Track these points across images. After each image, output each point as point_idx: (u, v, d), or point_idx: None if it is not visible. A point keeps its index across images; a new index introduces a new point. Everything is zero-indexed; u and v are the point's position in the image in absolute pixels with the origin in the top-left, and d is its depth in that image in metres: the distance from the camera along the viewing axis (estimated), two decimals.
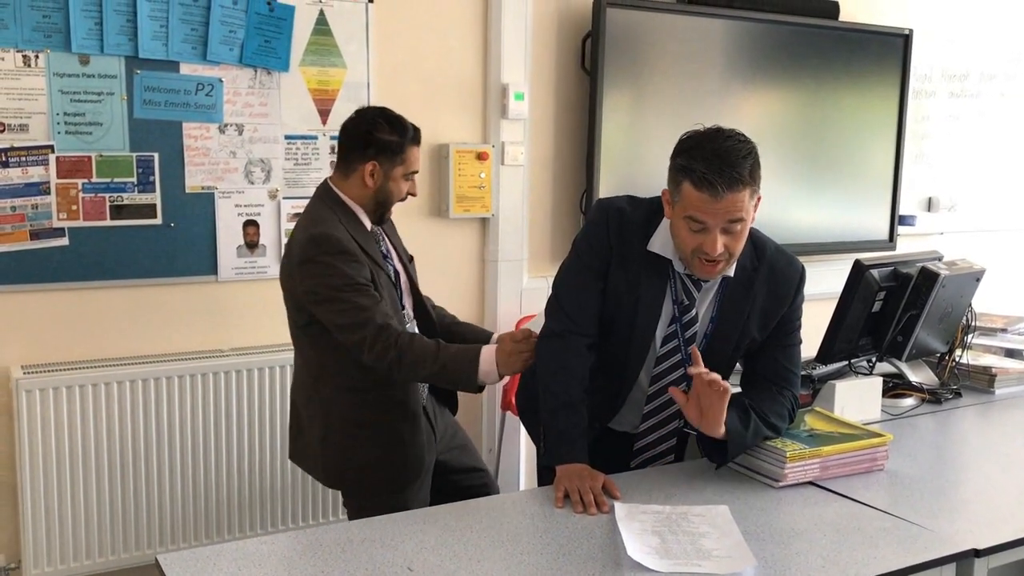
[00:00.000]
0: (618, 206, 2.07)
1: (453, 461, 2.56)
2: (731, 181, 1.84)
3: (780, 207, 4.05)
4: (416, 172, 2.41)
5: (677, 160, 1.91)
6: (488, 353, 2.20)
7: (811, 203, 4.28)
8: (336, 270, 2.22)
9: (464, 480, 2.57)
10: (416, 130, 2.41)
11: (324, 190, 2.41)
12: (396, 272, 2.43)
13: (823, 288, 2.94)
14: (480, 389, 2.26)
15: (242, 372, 3.14)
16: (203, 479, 3.11)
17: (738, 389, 2.22)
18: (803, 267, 2.13)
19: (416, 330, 2.43)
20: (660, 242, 2.03)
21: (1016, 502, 2.03)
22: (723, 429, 1.95)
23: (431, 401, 2.49)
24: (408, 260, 2.55)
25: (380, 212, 2.40)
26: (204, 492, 3.12)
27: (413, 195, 2.44)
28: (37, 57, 2.84)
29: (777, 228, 3.29)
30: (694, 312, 2.06)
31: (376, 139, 2.34)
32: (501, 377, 2.21)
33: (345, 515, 3.35)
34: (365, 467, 2.34)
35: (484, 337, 2.55)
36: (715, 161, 1.84)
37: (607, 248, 2.04)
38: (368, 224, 2.38)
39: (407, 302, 2.45)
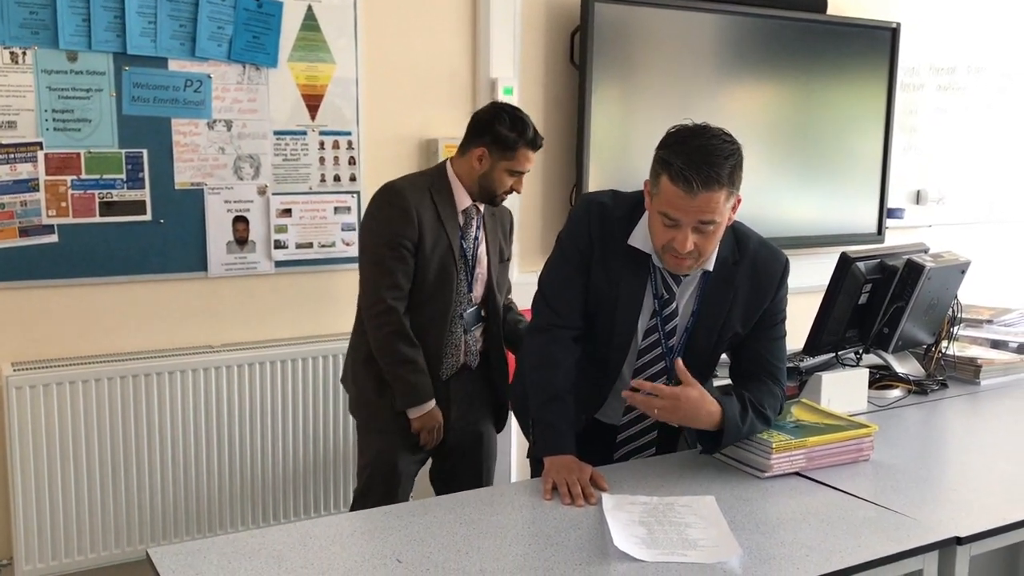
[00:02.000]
0: (600, 200, 2.08)
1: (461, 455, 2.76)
2: (707, 180, 1.83)
3: (769, 201, 4.07)
4: (523, 172, 2.59)
5: (660, 152, 1.92)
6: (428, 409, 2.57)
7: (800, 196, 4.30)
8: (377, 218, 2.55)
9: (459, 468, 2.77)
10: (536, 136, 2.59)
11: (439, 164, 2.69)
12: (473, 256, 2.62)
13: (811, 281, 2.96)
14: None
15: (232, 368, 3.14)
16: (194, 475, 3.12)
17: (727, 381, 2.24)
18: (787, 260, 2.14)
19: (477, 313, 2.66)
20: (640, 237, 2.04)
21: (999, 491, 2.05)
22: (710, 422, 1.98)
23: (462, 384, 2.68)
24: (501, 259, 2.75)
25: (483, 196, 2.60)
26: (195, 487, 3.13)
27: (517, 191, 2.64)
28: (25, 54, 2.84)
29: (766, 221, 3.32)
30: (674, 306, 2.08)
31: (493, 130, 2.55)
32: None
33: (335, 510, 3.38)
34: (364, 400, 2.65)
35: None
36: (695, 158, 1.84)
37: (588, 243, 2.05)
38: (464, 201, 2.60)
39: (477, 289, 2.66)
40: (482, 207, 2.66)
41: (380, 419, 2.62)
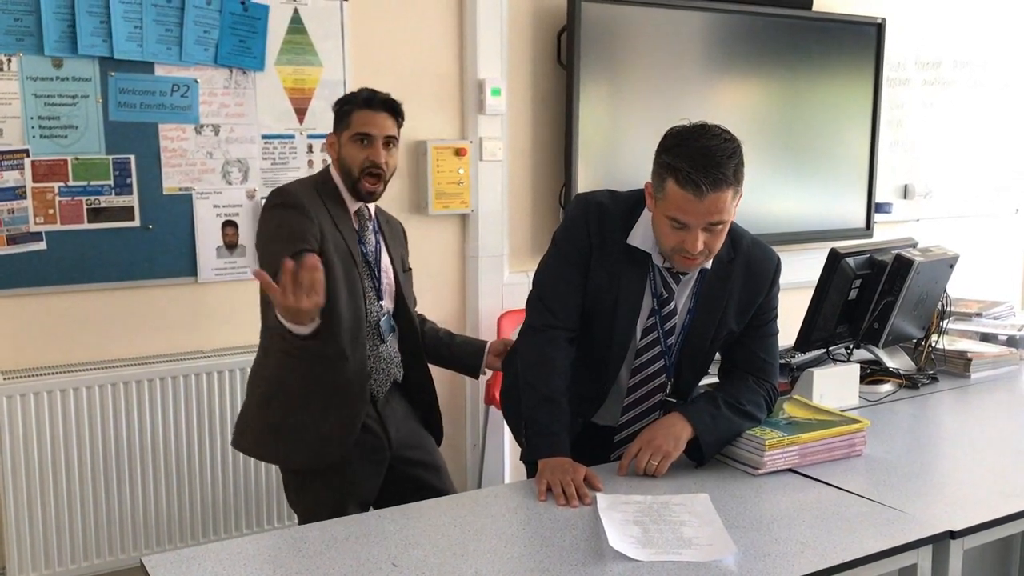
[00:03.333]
0: (598, 200, 2.08)
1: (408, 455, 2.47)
2: (716, 181, 1.84)
3: (757, 197, 4.07)
4: (370, 135, 2.30)
5: (663, 157, 1.91)
6: None
7: (788, 193, 4.31)
8: (273, 220, 2.24)
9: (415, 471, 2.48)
10: (374, 94, 2.34)
11: (325, 166, 2.43)
12: (376, 262, 2.38)
13: (800, 277, 2.97)
14: (298, 338, 2.06)
15: (224, 373, 3.13)
16: (186, 481, 3.11)
17: (715, 379, 2.25)
18: (779, 258, 2.15)
19: (389, 322, 2.41)
20: (640, 236, 2.04)
21: (991, 484, 2.06)
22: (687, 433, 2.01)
23: (394, 404, 2.43)
24: (404, 269, 2.52)
25: (348, 184, 2.33)
26: (188, 494, 3.12)
27: (376, 161, 2.30)
28: (10, 61, 2.82)
29: (754, 218, 3.32)
30: (673, 304, 2.08)
31: (335, 113, 2.38)
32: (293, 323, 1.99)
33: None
34: (266, 431, 2.33)
35: (477, 348, 2.56)
36: (700, 160, 1.84)
37: (587, 242, 2.05)
38: (352, 204, 2.36)
39: (387, 300, 2.42)
40: (372, 208, 2.42)
41: (291, 455, 2.33)
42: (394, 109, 2.36)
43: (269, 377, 2.34)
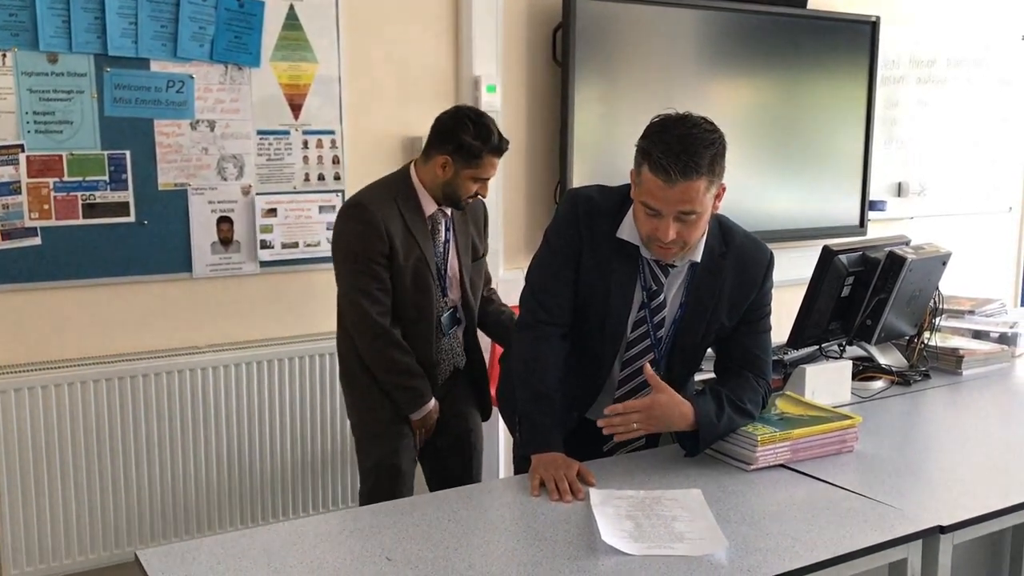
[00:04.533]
0: (587, 195, 2.09)
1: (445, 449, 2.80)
2: (686, 169, 1.84)
3: (752, 194, 4.09)
4: (488, 179, 2.57)
5: (641, 142, 1.93)
6: (429, 410, 2.63)
7: (782, 190, 4.33)
8: (346, 235, 2.55)
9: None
10: (502, 141, 2.56)
11: (403, 168, 2.65)
12: (444, 260, 2.63)
13: (794, 274, 2.98)
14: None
15: (219, 368, 3.14)
16: (182, 475, 3.12)
17: (711, 375, 2.26)
18: (771, 253, 2.15)
19: (453, 316, 2.68)
20: (628, 229, 2.04)
21: (981, 480, 2.08)
22: (685, 423, 2.01)
23: (453, 390, 2.75)
24: (475, 256, 2.74)
25: (448, 202, 2.58)
26: (183, 488, 3.13)
27: (483, 196, 2.62)
28: (4, 56, 2.82)
29: (749, 215, 3.32)
30: (662, 297, 2.09)
31: (457, 138, 2.51)
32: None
33: (324, 508, 3.39)
34: (362, 406, 2.69)
35: None
36: (674, 147, 1.85)
37: (577, 237, 2.06)
38: (429, 207, 2.58)
39: (452, 292, 2.66)
40: (447, 210, 2.64)
41: (379, 424, 2.64)
42: (507, 149, 2.62)
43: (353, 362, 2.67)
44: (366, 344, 2.57)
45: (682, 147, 1.85)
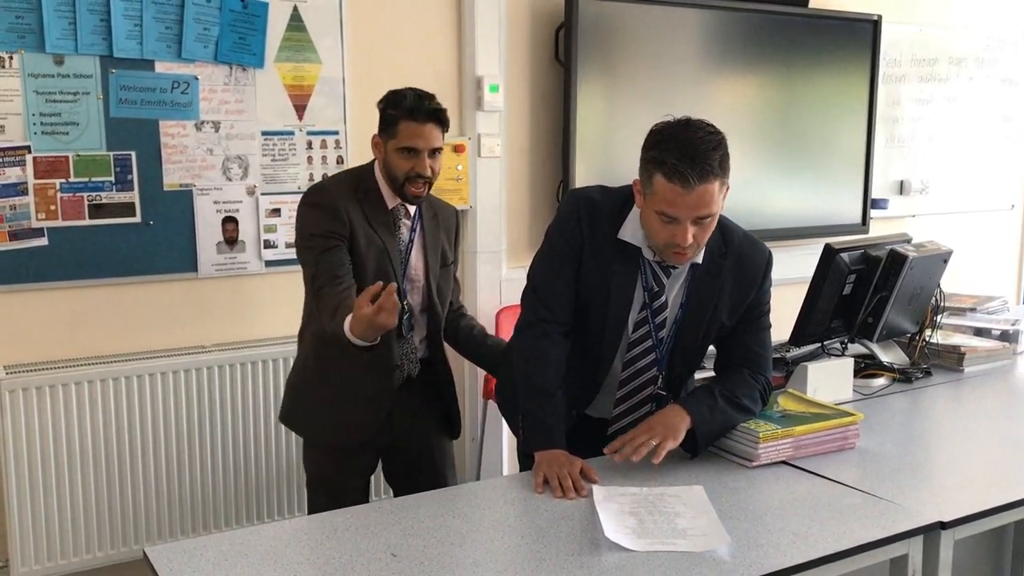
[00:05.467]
0: (589, 196, 2.11)
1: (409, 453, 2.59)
2: (703, 173, 1.86)
3: (754, 193, 4.10)
4: (414, 149, 2.35)
5: (649, 152, 1.94)
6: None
7: (785, 188, 4.34)
8: (305, 219, 2.39)
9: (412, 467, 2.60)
10: (420, 102, 2.35)
11: (369, 161, 2.51)
12: (405, 260, 2.45)
13: (796, 272, 3.00)
14: (359, 348, 2.19)
15: (224, 368, 3.16)
16: (188, 474, 3.14)
17: (711, 373, 2.27)
18: (770, 252, 2.17)
19: (411, 322, 2.48)
20: (630, 230, 2.06)
21: (982, 476, 2.10)
22: (685, 424, 2.03)
23: (410, 400, 2.52)
24: (444, 263, 2.55)
25: (393, 187, 2.41)
26: (189, 487, 3.14)
27: (422, 174, 2.36)
28: (11, 58, 2.84)
29: (751, 214, 3.36)
30: (664, 298, 2.11)
31: (380, 113, 2.41)
32: (363, 338, 2.15)
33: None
34: (307, 413, 2.52)
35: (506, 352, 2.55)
36: (687, 152, 1.86)
37: (579, 237, 2.08)
38: (391, 201, 2.43)
39: (414, 296, 2.49)
40: (411, 208, 2.47)
41: (316, 434, 2.53)
42: (440, 119, 2.39)
43: (303, 363, 2.53)
44: (322, 314, 2.30)
45: (694, 152, 1.87)
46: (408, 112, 2.34)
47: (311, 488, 2.59)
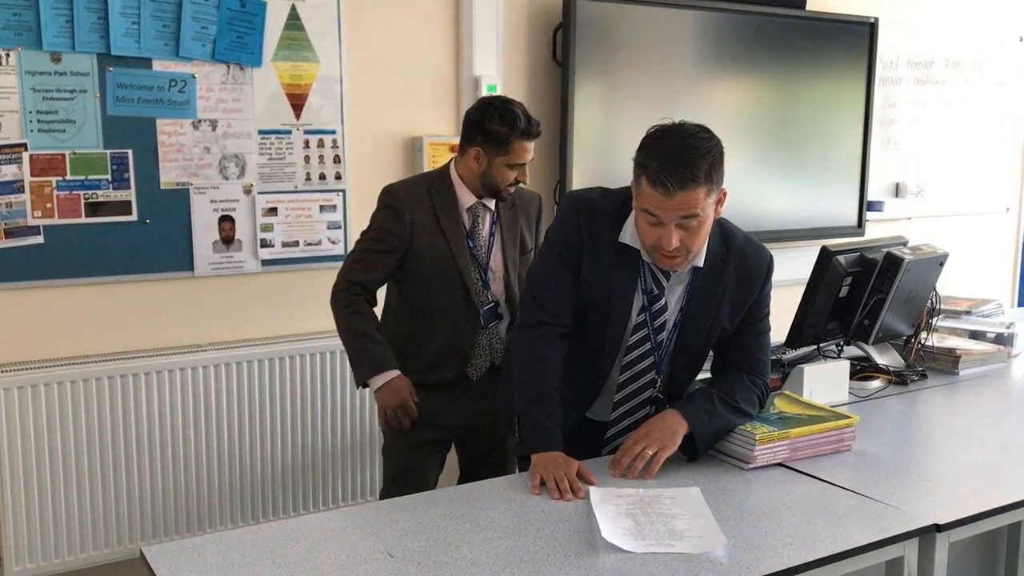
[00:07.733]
0: (589, 198, 2.11)
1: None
2: (683, 180, 1.86)
3: (750, 195, 4.10)
4: (523, 164, 2.55)
5: (639, 154, 1.94)
6: (390, 378, 2.49)
7: (781, 190, 4.34)
8: (374, 216, 2.60)
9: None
10: (530, 124, 2.54)
11: (445, 163, 2.68)
12: (486, 254, 2.61)
13: (792, 274, 3.00)
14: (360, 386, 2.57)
15: (220, 366, 3.16)
16: (183, 473, 3.13)
17: (707, 375, 2.28)
18: (771, 256, 2.17)
19: (493, 311, 2.62)
20: (630, 233, 2.06)
21: (977, 478, 2.10)
22: (683, 428, 2.03)
23: (485, 386, 2.63)
24: (523, 250, 2.70)
25: (488, 192, 2.58)
26: (185, 486, 3.14)
27: (523, 182, 2.60)
28: (8, 55, 2.83)
29: (748, 215, 3.35)
30: (663, 301, 2.11)
31: (484, 127, 2.53)
32: (381, 399, 2.51)
33: (326, 506, 3.40)
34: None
35: None
36: (670, 160, 1.87)
37: (578, 240, 2.08)
38: (467, 200, 2.59)
39: (496, 287, 2.63)
40: (491, 203, 2.63)
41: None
42: (539, 133, 2.58)
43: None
44: (334, 308, 2.55)
45: (678, 159, 1.86)
46: (523, 133, 2.53)
47: (390, 478, 2.71)
